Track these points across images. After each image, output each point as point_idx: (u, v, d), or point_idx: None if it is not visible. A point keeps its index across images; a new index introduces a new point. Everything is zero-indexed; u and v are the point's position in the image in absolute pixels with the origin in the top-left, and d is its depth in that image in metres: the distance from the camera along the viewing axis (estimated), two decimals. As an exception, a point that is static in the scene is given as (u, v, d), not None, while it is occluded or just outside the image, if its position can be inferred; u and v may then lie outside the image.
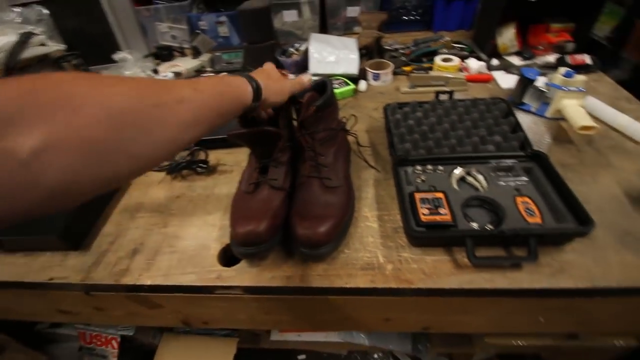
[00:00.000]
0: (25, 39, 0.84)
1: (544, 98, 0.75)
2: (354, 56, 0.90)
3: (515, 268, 0.49)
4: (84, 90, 0.26)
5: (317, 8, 1.51)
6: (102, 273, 0.56)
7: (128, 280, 0.55)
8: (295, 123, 0.60)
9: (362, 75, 0.93)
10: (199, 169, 0.73)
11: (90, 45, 1.03)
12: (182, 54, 1.15)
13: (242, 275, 0.54)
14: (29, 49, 0.86)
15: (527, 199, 0.55)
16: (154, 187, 0.72)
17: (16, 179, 0.22)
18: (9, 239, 0.60)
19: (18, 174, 0.22)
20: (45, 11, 0.94)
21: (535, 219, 0.51)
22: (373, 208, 0.60)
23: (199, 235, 0.61)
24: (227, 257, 0.59)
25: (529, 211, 0.53)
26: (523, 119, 0.76)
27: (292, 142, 0.59)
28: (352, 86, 0.89)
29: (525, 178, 0.59)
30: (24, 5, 0.93)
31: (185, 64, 1.08)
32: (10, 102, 0.22)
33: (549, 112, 0.75)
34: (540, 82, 0.76)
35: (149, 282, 0.54)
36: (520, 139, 0.64)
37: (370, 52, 0.94)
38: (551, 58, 0.91)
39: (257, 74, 0.47)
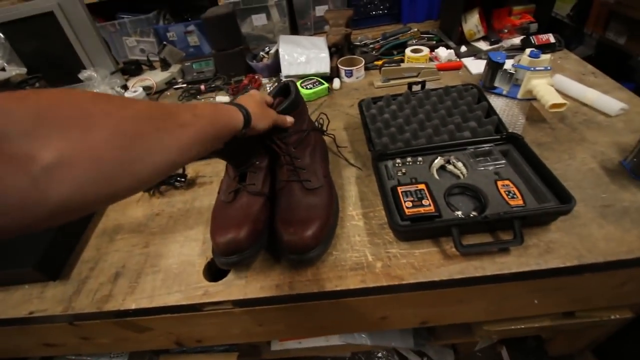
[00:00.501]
0: (-21, 66, 0.80)
1: (513, 80, 0.77)
2: (324, 55, 0.89)
3: (503, 253, 0.49)
4: (99, 111, 0.27)
5: (285, 10, 1.50)
6: (84, 301, 0.54)
7: (112, 306, 0.53)
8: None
9: (335, 73, 0.92)
10: (177, 184, 0.71)
11: (52, 66, 0.99)
12: (151, 67, 1.12)
13: (230, 288, 0.52)
14: (-14, 76, 0.81)
15: (507, 182, 0.55)
16: (132, 206, 0.70)
17: (25, 193, 0.22)
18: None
19: (27, 189, 0.22)
20: (1, 35, 0.89)
21: (517, 201, 0.51)
22: (357, 206, 0.60)
23: (182, 251, 0.59)
24: (213, 272, 0.57)
25: (511, 194, 0.53)
26: (496, 102, 0.77)
27: (268, 147, 0.58)
28: (325, 85, 0.88)
29: (503, 161, 0.59)
30: (-27, 31, 0.89)
31: (154, 77, 1.05)
32: (28, 117, 0.23)
33: (520, 94, 0.76)
34: (509, 64, 0.77)
35: (133, 306, 0.52)
36: (494, 122, 0.65)
37: (340, 50, 0.94)
38: (517, 40, 0.93)
39: (245, 101, 0.49)
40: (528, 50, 0.75)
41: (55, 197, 0.23)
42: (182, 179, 0.71)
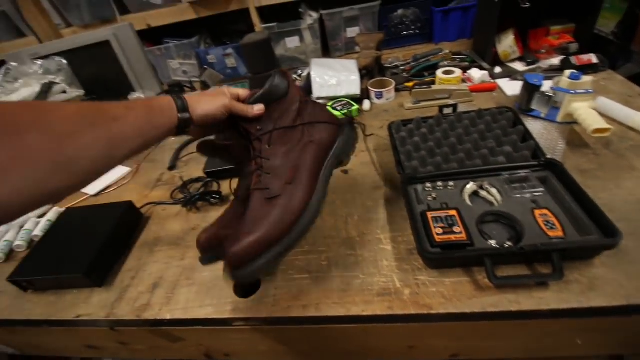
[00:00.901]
0: (47, 89, 0.90)
1: (552, 103, 0.74)
2: (355, 77, 0.91)
3: (541, 287, 0.46)
4: (28, 118, 0.29)
5: (317, 32, 1.56)
6: (125, 309, 0.58)
7: (149, 315, 0.56)
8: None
9: (365, 94, 0.94)
10: (212, 200, 0.74)
11: (106, 89, 1.08)
12: (192, 88, 1.19)
13: (259, 306, 0.53)
14: (52, 97, 0.91)
15: (545, 211, 0.53)
16: (170, 220, 0.74)
17: None
18: (40, 279, 0.63)
19: None
20: (64, 61, 1.00)
21: (557, 233, 0.49)
22: (386, 230, 0.59)
23: (216, 266, 0.60)
24: (244, 288, 0.59)
25: (549, 224, 0.50)
26: (533, 126, 0.74)
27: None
28: (355, 106, 0.90)
29: (541, 189, 0.57)
30: (44, 57, 0.99)
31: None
32: None
33: (559, 117, 0.73)
34: (547, 86, 0.75)
35: (169, 317, 0.55)
36: (531, 147, 0.63)
37: (371, 72, 0.95)
38: (555, 60, 0.90)
39: (196, 95, 0.48)
40: (568, 72, 0.72)
41: None
42: (217, 196, 0.74)
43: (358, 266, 0.54)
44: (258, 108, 0.49)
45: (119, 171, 0.90)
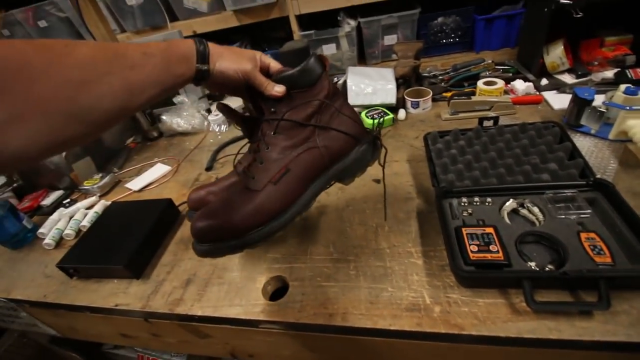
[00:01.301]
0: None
1: (604, 119, 0.69)
2: (391, 86, 0.91)
3: (584, 316, 0.43)
4: (42, 61, 0.27)
5: (354, 40, 1.56)
6: (159, 301, 0.60)
7: (181, 309, 0.58)
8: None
9: (401, 104, 0.92)
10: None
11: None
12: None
13: (285, 310, 0.54)
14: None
15: (593, 235, 0.49)
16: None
17: None
18: (84, 267, 0.67)
19: None
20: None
21: (605, 259, 0.46)
22: (417, 243, 0.58)
23: (246, 267, 0.63)
24: (272, 291, 0.60)
25: (597, 249, 0.47)
26: (582, 142, 0.70)
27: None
28: (390, 115, 0.89)
29: (588, 210, 0.53)
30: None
31: (233, 102, 1.16)
32: None
33: (612, 134, 0.68)
34: (599, 101, 0.70)
35: (199, 313, 0.57)
36: (579, 165, 0.59)
37: (408, 81, 0.94)
38: (609, 73, 0.84)
39: (221, 47, 0.44)
40: (623, 87, 0.67)
41: (11, 149, 0.25)
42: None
43: (387, 278, 0.54)
44: (278, 89, 0.44)
45: (161, 169, 0.95)
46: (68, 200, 0.91)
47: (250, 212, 0.43)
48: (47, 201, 0.92)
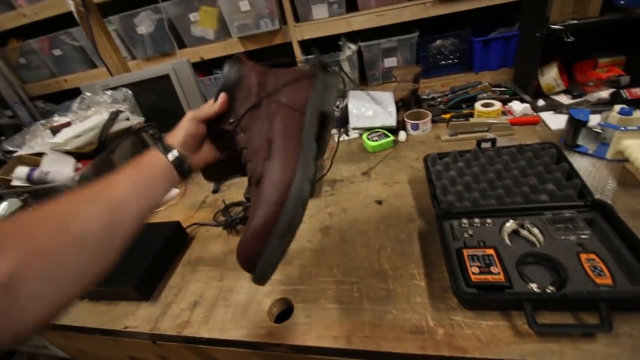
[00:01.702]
0: (114, 116, 1.01)
1: (600, 139, 0.71)
2: (391, 109, 0.93)
3: (587, 338, 0.44)
4: (45, 231, 0.30)
5: (355, 63, 1.62)
6: (167, 324, 0.61)
7: (189, 332, 0.59)
8: None
9: (401, 126, 0.95)
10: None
11: (163, 116, 1.19)
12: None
13: (290, 332, 0.55)
14: (117, 124, 1.02)
15: (592, 256, 0.50)
16: (212, 241, 0.78)
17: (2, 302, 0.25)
18: (96, 289, 0.68)
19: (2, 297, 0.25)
20: (129, 92, 1.12)
21: (605, 280, 0.46)
22: (419, 265, 0.59)
23: (252, 289, 0.64)
24: (277, 313, 0.61)
25: (597, 270, 0.48)
26: (580, 162, 0.71)
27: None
28: (391, 137, 0.91)
29: (588, 231, 0.54)
30: (113, 89, 1.13)
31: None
32: None
33: (609, 154, 0.70)
34: (595, 121, 0.72)
35: (206, 335, 0.58)
36: (577, 186, 0.60)
37: (407, 104, 0.97)
38: (604, 94, 0.86)
39: (172, 135, 0.46)
40: (618, 107, 0.69)
41: (24, 300, 0.26)
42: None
43: (390, 300, 0.54)
44: (219, 100, 0.46)
45: (170, 193, 0.98)
46: (78, 223, 0.94)
47: (267, 195, 0.40)
48: (58, 224, 0.94)
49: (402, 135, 0.93)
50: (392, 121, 0.93)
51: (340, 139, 1.02)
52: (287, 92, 0.46)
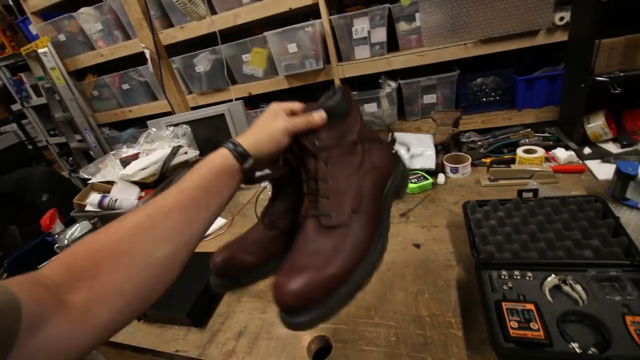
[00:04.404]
0: (175, 151, 1.13)
1: (651, 193, 0.69)
2: (430, 152, 0.97)
3: (632, 407, 0.43)
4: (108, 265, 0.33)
5: (394, 99, 1.67)
6: (214, 351, 0.66)
7: (233, 361, 0.63)
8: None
9: (440, 168, 0.97)
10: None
11: (215, 149, 1.32)
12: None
13: (328, 370, 0.57)
14: (177, 157, 1.14)
15: (639, 319, 0.49)
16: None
17: (76, 326, 0.29)
18: (151, 312, 0.75)
19: (77, 321, 0.29)
20: (188, 128, 1.25)
21: (652, 348, 0.45)
22: (457, 313, 0.60)
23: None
24: (316, 350, 0.64)
25: (644, 336, 0.47)
26: (629, 217, 0.70)
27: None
28: (430, 180, 0.94)
29: (635, 292, 0.53)
30: (175, 125, 1.26)
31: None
32: (59, 276, 0.31)
33: (661, 210, 0.68)
34: (646, 174, 0.71)
35: (249, 366, 0.61)
36: (623, 244, 0.59)
37: (447, 147, 1.00)
38: (657, 144, 0.84)
39: (250, 129, 0.43)
40: (670, 161, 0.68)
41: (100, 321, 0.31)
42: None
43: (427, 348, 0.56)
44: (319, 115, 0.42)
45: (217, 222, 1.06)
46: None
47: (348, 250, 0.39)
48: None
49: (441, 178, 0.95)
50: (431, 164, 0.95)
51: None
52: (379, 155, 0.47)
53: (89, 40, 2.05)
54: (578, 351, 0.48)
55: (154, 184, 1.12)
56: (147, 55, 1.29)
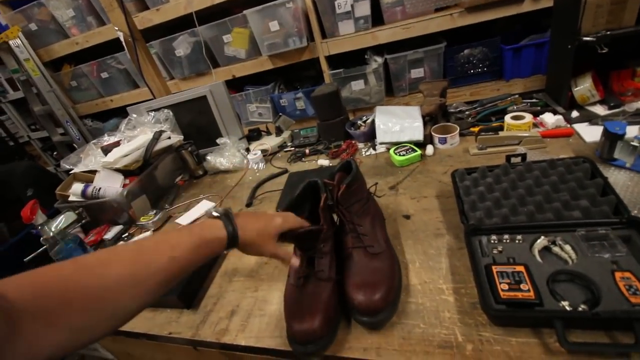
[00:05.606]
0: (158, 136, 1.10)
1: (638, 151, 0.69)
2: (418, 123, 0.95)
3: (622, 358, 0.43)
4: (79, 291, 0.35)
5: (381, 75, 1.64)
6: (207, 331, 0.66)
7: (227, 339, 0.63)
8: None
9: (429, 140, 0.96)
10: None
11: (200, 134, 1.28)
12: (268, 132, 1.34)
13: (323, 343, 0.57)
14: (159, 142, 1.11)
15: (628, 275, 0.49)
16: (247, 253, 0.83)
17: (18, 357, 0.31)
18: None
19: (20, 353, 0.31)
20: (170, 112, 1.21)
21: (641, 300, 0.46)
22: (448, 280, 0.60)
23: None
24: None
25: (632, 289, 0.47)
26: (617, 176, 0.69)
27: (333, 232, 0.64)
28: (418, 152, 0.93)
29: (623, 249, 0.53)
30: (156, 110, 1.22)
31: (270, 141, 1.26)
32: (23, 303, 0.32)
33: (648, 168, 0.67)
34: (633, 132, 0.70)
35: (243, 343, 0.62)
36: (612, 202, 0.59)
37: (434, 117, 0.98)
38: (644, 104, 0.83)
39: (241, 216, 0.55)
40: (657, 119, 0.67)
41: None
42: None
43: (419, 315, 0.56)
44: (292, 261, 0.61)
45: (206, 205, 1.04)
46: (126, 234, 1.03)
47: (392, 263, 0.60)
48: (109, 235, 1.04)
49: (429, 150, 0.94)
50: (419, 135, 0.94)
51: (367, 153, 1.04)
52: (372, 204, 0.71)
53: (62, 28, 1.97)
54: (568, 309, 0.48)
55: (138, 171, 1.09)
56: (122, 38, 1.23)
